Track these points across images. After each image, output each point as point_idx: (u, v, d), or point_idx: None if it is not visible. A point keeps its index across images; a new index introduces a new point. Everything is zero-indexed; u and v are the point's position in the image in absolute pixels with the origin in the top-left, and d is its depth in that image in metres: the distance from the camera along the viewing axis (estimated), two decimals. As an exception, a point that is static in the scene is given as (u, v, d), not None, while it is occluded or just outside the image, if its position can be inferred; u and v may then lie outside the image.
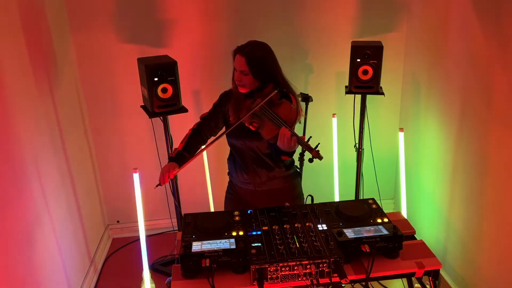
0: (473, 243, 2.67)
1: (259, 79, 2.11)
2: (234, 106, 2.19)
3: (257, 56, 2.09)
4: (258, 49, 2.12)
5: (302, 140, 1.88)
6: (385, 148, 3.66)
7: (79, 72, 3.27)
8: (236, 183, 2.35)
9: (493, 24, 2.36)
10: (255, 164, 2.24)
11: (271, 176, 2.26)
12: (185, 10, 3.21)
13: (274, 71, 2.15)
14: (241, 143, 2.22)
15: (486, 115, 2.46)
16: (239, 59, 2.10)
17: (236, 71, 2.14)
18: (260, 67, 2.09)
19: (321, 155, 1.85)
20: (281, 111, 2.02)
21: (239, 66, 2.10)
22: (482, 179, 2.54)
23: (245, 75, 2.10)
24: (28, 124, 2.35)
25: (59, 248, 2.64)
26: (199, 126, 2.30)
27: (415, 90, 3.30)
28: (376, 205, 2.03)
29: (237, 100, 2.19)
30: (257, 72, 2.09)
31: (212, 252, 1.70)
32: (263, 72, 2.11)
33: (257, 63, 2.08)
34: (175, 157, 2.21)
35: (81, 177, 3.15)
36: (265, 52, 2.13)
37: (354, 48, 2.81)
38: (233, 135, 2.23)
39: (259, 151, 2.21)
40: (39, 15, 2.67)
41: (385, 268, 1.76)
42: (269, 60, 2.13)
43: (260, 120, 2.05)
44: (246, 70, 2.08)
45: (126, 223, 3.71)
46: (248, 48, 2.10)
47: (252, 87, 2.12)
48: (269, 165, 2.24)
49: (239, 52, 2.11)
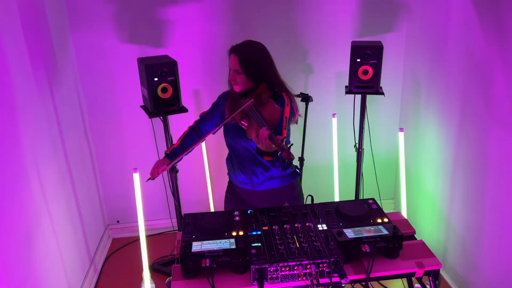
0: (473, 243, 2.67)
1: (252, 79, 2.12)
2: (230, 105, 2.21)
3: (250, 55, 2.11)
4: (252, 49, 2.14)
5: (276, 140, 1.83)
6: (385, 148, 3.66)
7: (79, 72, 3.27)
8: (235, 183, 2.36)
9: (493, 24, 2.36)
10: (251, 163, 2.24)
11: (268, 175, 2.26)
12: (185, 10, 3.21)
13: (267, 71, 2.15)
14: (236, 143, 2.23)
15: (486, 115, 2.46)
16: (232, 58, 2.13)
17: (230, 70, 2.16)
18: (252, 67, 2.11)
19: (291, 156, 1.78)
20: (265, 111, 2.03)
21: (233, 65, 2.13)
22: (482, 179, 2.54)
23: (238, 74, 2.12)
24: (28, 124, 2.35)
25: (59, 248, 2.64)
26: (196, 124, 2.32)
27: (415, 90, 3.30)
28: (376, 205, 2.03)
29: (233, 99, 2.21)
30: (250, 72, 2.10)
31: (212, 252, 1.70)
32: (256, 72, 2.12)
33: (249, 62, 2.10)
34: (169, 154, 2.26)
35: (81, 177, 3.15)
36: (258, 52, 2.14)
37: (354, 48, 2.81)
38: (229, 135, 2.25)
39: (254, 150, 2.22)
40: (39, 15, 2.67)
41: (385, 268, 1.76)
42: (262, 60, 2.14)
43: (248, 119, 2.06)
44: (239, 69, 2.10)
45: (126, 223, 3.71)
46: (242, 47, 2.12)
47: (246, 86, 2.13)
48: (265, 165, 2.24)
49: (233, 51, 2.13)
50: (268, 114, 2.01)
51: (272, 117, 2.02)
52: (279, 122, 2.04)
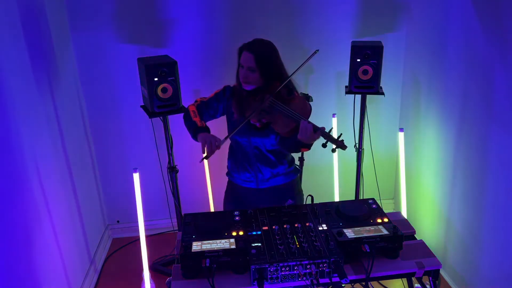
0: (473, 243, 2.67)
1: (266, 77, 2.12)
2: (237, 103, 2.19)
3: (265, 53, 2.11)
4: (266, 47, 2.14)
5: (326, 132, 1.91)
6: (385, 148, 3.66)
7: (79, 72, 3.27)
8: (237, 182, 2.35)
9: (493, 24, 2.36)
10: (258, 161, 2.24)
11: (274, 173, 2.26)
12: (185, 10, 3.21)
13: (280, 69, 2.17)
14: (245, 140, 2.22)
15: (486, 115, 2.46)
16: (247, 56, 2.10)
17: (242, 68, 2.14)
18: (268, 65, 2.11)
19: (345, 145, 1.92)
20: (294, 105, 2.05)
21: (247, 62, 2.10)
22: (482, 179, 2.54)
23: (252, 72, 2.10)
24: (28, 124, 2.35)
25: (59, 248, 2.64)
26: (199, 109, 2.25)
27: (415, 90, 3.30)
28: (376, 205, 2.03)
29: (240, 98, 2.18)
30: (265, 70, 2.10)
31: (212, 252, 1.70)
32: (271, 70, 2.12)
33: (265, 60, 2.10)
34: (205, 127, 2.15)
35: (81, 177, 3.15)
36: (272, 50, 2.15)
37: (354, 48, 2.81)
38: (238, 132, 2.22)
39: (263, 148, 2.22)
40: (39, 15, 2.67)
41: (385, 268, 1.76)
42: (275, 58, 2.15)
43: (270, 116, 2.06)
44: (253, 66, 2.09)
45: (126, 223, 3.71)
46: (256, 45, 2.12)
47: (258, 84, 2.13)
48: (273, 162, 2.24)
49: (247, 49, 2.11)
50: (299, 108, 2.04)
51: (304, 110, 2.06)
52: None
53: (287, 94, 2.10)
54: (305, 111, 2.06)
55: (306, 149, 2.11)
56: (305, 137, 1.95)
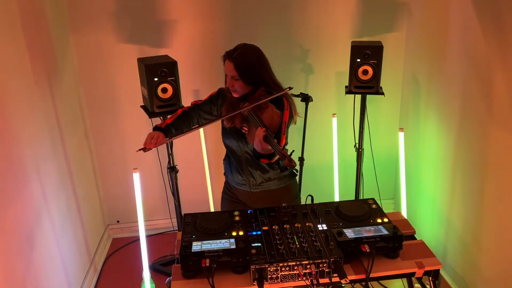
0: (473, 243, 2.67)
1: (250, 83, 2.09)
2: (227, 107, 2.18)
3: (245, 61, 2.07)
4: (247, 54, 2.09)
5: (274, 143, 1.81)
6: (385, 148, 3.66)
7: (79, 72, 3.27)
8: (232, 184, 2.35)
9: (493, 24, 2.36)
10: (250, 166, 2.23)
11: (266, 178, 2.25)
12: (185, 10, 3.21)
13: (264, 75, 2.12)
14: (236, 145, 2.22)
15: (486, 115, 2.46)
16: (228, 65, 2.09)
17: (227, 76, 2.13)
18: (249, 72, 2.07)
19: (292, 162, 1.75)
20: (264, 115, 2.00)
21: (229, 71, 2.09)
22: (482, 179, 2.54)
23: (235, 80, 2.09)
24: (28, 124, 2.35)
25: (59, 248, 2.64)
26: (190, 110, 2.26)
27: (415, 90, 3.30)
28: (376, 205, 2.03)
29: (231, 103, 2.18)
30: (247, 77, 2.07)
31: (212, 252, 1.70)
32: (253, 77, 2.08)
33: (246, 68, 2.06)
34: (164, 128, 2.15)
35: (81, 177, 3.15)
36: (253, 57, 2.10)
37: (354, 48, 2.81)
38: (228, 137, 2.22)
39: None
40: (39, 15, 2.67)
41: (385, 268, 1.77)
42: (258, 64, 2.10)
43: (248, 124, 2.05)
44: (236, 75, 2.07)
45: (126, 223, 3.71)
46: (237, 53, 2.08)
47: (244, 91, 2.11)
48: (264, 167, 2.23)
49: (228, 58, 2.09)
50: (268, 119, 1.99)
51: (272, 121, 2.00)
52: (278, 128, 2.01)
53: (266, 102, 2.03)
54: (272, 122, 2.00)
55: (266, 160, 2.01)
56: (256, 144, 1.88)
